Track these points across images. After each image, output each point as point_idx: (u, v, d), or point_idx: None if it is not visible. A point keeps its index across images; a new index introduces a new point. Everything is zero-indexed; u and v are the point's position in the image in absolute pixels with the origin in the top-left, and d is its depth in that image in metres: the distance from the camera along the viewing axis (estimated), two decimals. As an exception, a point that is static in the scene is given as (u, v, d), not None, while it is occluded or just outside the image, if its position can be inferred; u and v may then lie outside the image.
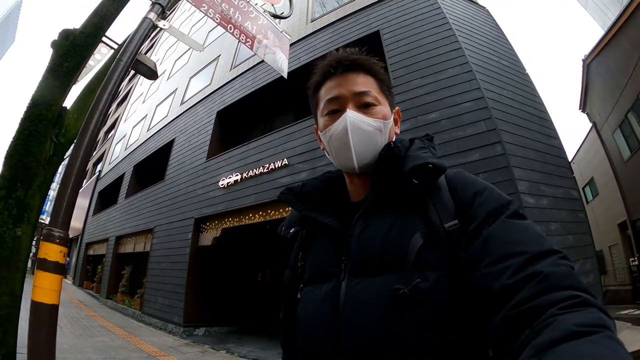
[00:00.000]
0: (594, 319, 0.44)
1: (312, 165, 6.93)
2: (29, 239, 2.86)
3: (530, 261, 0.53)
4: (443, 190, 0.72)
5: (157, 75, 3.10)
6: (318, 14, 9.44)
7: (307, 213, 0.83)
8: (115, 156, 18.75)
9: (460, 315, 0.60)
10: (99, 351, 5.79)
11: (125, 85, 24.90)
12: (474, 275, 0.58)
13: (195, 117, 11.65)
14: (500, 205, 0.64)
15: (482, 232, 0.61)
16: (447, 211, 0.68)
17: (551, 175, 5.19)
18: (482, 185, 0.70)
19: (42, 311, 1.77)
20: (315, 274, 0.78)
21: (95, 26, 3.28)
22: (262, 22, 3.94)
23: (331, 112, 0.81)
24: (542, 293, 0.49)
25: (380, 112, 0.80)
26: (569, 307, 0.46)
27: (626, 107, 12.45)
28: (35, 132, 2.90)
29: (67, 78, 3.12)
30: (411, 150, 0.77)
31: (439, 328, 0.60)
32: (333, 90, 0.81)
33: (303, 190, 0.87)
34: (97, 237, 17.13)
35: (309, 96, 0.92)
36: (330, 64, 0.82)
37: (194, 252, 9.12)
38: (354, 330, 0.64)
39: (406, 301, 0.60)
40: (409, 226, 0.68)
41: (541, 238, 0.58)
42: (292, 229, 0.91)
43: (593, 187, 17.68)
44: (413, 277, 0.62)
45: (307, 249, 0.85)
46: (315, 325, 0.72)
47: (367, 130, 0.77)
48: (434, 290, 0.61)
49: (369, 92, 0.79)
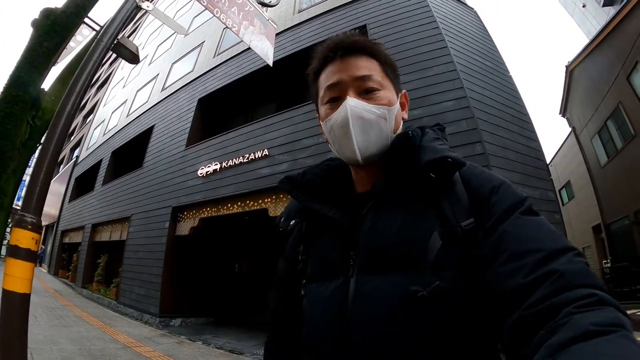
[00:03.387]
0: (610, 318, 0.42)
1: (292, 156, 6.88)
2: (3, 224, 2.75)
3: (545, 259, 0.52)
4: (457, 184, 0.68)
5: (138, 59, 3.00)
6: (306, 5, 9.33)
7: (309, 204, 0.79)
8: (94, 141, 18.27)
9: (474, 316, 0.58)
10: (74, 342, 5.68)
11: (106, 70, 24.31)
12: (488, 273, 0.56)
13: (176, 103, 11.42)
14: (516, 202, 0.62)
15: (497, 229, 0.59)
16: (462, 207, 0.65)
17: (529, 177, 5.28)
18: (499, 180, 0.67)
19: (13, 300, 1.73)
20: (320, 269, 0.74)
21: (78, 6, 3.14)
22: (249, 9, 3.89)
23: (331, 100, 0.76)
24: (558, 292, 0.48)
25: (384, 97, 0.74)
26: (585, 305, 0.45)
27: (606, 115, 12.79)
28: (11, 114, 2.77)
29: (46, 59, 2.98)
30: (425, 141, 0.73)
31: (452, 330, 0.58)
32: (333, 76, 0.75)
33: (304, 179, 0.83)
34: (72, 224, 16.70)
35: (309, 84, 0.85)
36: (329, 47, 0.77)
37: (170, 242, 8.97)
38: (364, 329, 0.62)
39: (422, 303, 0.58)
40: (424, 222, 0.65)
41: (555, 235, 0.57)
42: (292, 221, 0.85)
43: (569, 190, 18.18)
44: (431, 278, 0.59)
45: (308, 242, 0.80)
46: (323, 323, 0.69)
47: (370, 118, 0.72)
48: (450, 292, 0.59)
49: (371, 77, 0.74)
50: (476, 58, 6.35)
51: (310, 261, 0.78)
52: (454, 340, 0.58)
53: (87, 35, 3.64)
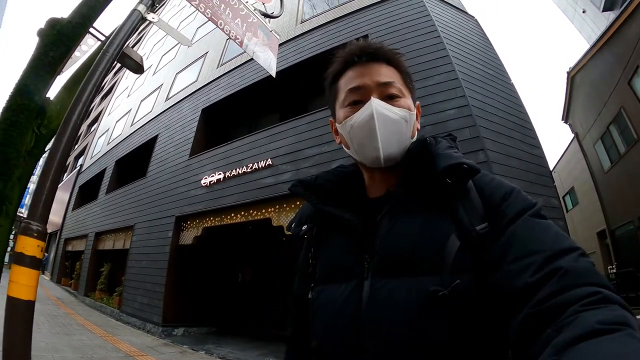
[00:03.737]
0: (616, 317, 0.43)
1: (296, 166, 6.89)
2: (7, 232, 2.77)
3: (551, 258, 0.53)
4: (471, 191, 0.70)
5: (143, 69, 3.04)
6: (308, 16, 9.42)
7: (323, 207, 0.79)
8: (98, 150, 18.36)
9: (488, 317, 0.59)
10: (76, 350, 5.67)
11: (111, 79, 24.48)
12: (497, 273, 0.58)
13: (180, 113, 11.49)
14: (526, 207, 0.63)
15: (507, 231, 0.61)
16: (477, 213, 0.66)
17: (533, 184, 5.27)
18: (510, 187, 0.69)
19: (18, 307, 1.73)
20: (331, 272, 0.75)
21: (83, 16, 3.18)
22: (252, 20, 3.92)
23: (353, 103, 0.77)
24: (564, 290, 0.48)
25: (405, 104, 0.76)
26: (590, 303, 0.45)
27: (608, 120, 12.77)
28: (16, 122, 2.79)
29: (52, 68, 3.01)
30: (440, 149, 0.74)
31: (470, 331, 0.59)
32: (355, 79, 0.76)
33: (316, 183, 0.84)
34: (76, 232, 16.71)
35: (326, 87, 0.86)
36: (353, 52, 0.78)
37: (174, 251, 8.97)
38: (380, 332, 0.62)
39: (443, 303, 0.59)
40: (441, 227, 0.66)
41: (562, 236, 0.58)
42: (305, 226, 0.84)
43: (573, 196, 18.08)
44: (451, 279, 0.60)
45: (318, 246, 0.81)
46: (334, 326, 0.69)
47: (394, 118, 0.73)
48: (469, 293, 0.60)
49: (393, 84, 0.76)
50: (477, 66, 6.38)
51: (320, 264, 0.78)
52: (471, 341, 0.59)
53: (92, 45, 3.69)
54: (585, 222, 16.33)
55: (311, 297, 0.77)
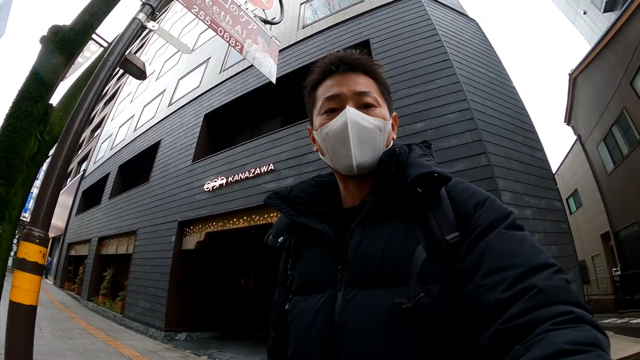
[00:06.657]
0: (586, 337, 0.42)
1: (298, 171, 6.91)
2: (10, 237, 2.80)
3: (524, 274, 0.52)
4: (443, 199, 0.69)
5: (145, 75, 3.06)
6: (310, 21, 9.47)
7: (297, 218, 0.79)
8: (101, 155, 18.42)
9: (458, 328, 0.59)
10: (79, 354, 5.70)
11: (114, 84, 24.59)
12: (469, 287, 0.57)
13: (183, 119, 11.54)
14: (500, 217, 0.62)
15: (479, 243, 0.60)
16: (448, 222, 0.66)
17: (535, 187, 5.27)
18: (483, 195, 0.68)
19: (20, 312, 1.76)
20: (306, 283, 0.75)
21: (86, 24, 3.21)
22: (253, 27, 3.94)
23: (329, 111, 0.78)
24: (535, 308, 0.48)
25: (380, 114, 0.77)
26: (561, 323, 0.45)
27: (611, 121, 12.72)
28: (19, 128, 2.83)
29: (54, 75, 3.05)
30: (412, 157, 0.74)
31: (438, 342, 0.58)
32: (332, 88, 0.78)
33: (291, 195, 0.84)
34: (79, 237, 16.76)
35: (305, 95, 0.87)
36: (331, 62, 0.79)
37: (177, 256, 8.98)
38: (352, 342, 0.62)
39: (408, 315, 0.58)
40: (410, 237, 0.66)
41: (537, 250, 0.57)
42: (281, 238, 0.85)
43: (577, 199, 17.96)
44: (416, 291, 0.59)
45: (295, 257, 0.81)
46: (309, 337, 0.69)
47: (367, 127, 0.74)
48: (435, 304, 0.59)
49: (369, 93, 0.77)
50: (479, 69, 6.39)
51: (296, 275, 0.79)
52: (444, 350, 0.58)
53: (94, 52, 3.72)
54: (589, 224, 16.21)
55: (288, 307, 0.78)
